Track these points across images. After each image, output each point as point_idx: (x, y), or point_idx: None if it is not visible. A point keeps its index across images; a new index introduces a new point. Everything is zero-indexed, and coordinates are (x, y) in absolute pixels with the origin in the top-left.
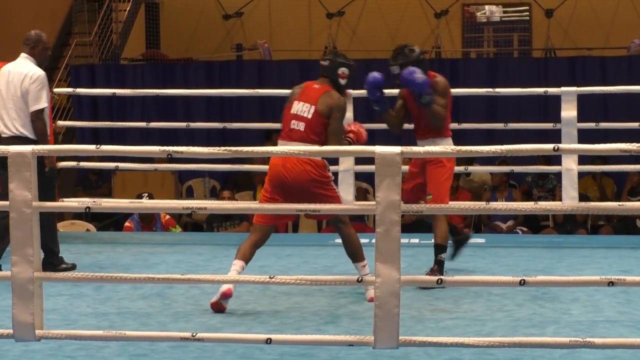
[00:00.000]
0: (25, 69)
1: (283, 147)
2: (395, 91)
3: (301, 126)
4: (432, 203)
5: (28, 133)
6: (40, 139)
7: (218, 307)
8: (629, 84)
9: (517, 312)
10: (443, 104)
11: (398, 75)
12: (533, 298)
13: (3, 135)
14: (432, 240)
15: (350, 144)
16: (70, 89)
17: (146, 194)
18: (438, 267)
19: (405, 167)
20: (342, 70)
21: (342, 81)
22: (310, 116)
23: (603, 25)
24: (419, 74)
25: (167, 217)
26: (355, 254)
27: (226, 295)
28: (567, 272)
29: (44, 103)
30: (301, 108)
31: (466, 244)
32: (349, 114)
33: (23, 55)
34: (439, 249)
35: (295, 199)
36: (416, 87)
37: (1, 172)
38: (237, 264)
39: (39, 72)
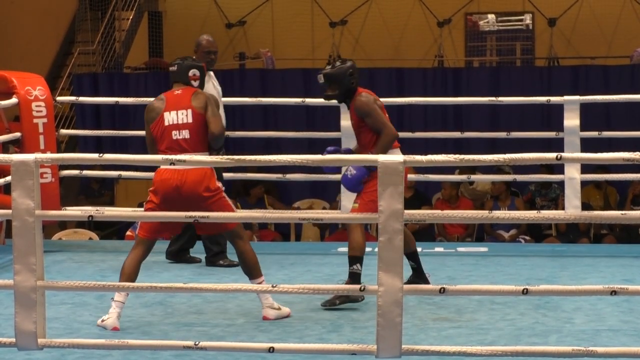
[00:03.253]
0: None
1: (284, 156)
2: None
3: (186, 134)
4: (355, 212)
5: None
6: None
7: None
8: (632, 93)
9: (520, 321)
10: (373, 124)
11: (321, 85)
12: (536, 307)
13: None
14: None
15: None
16: (73, 98)
17: None
18: (351, 281)
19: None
20: (193, 72)
21: (195, 83)
22: (191, 120)
23: (606, 34)
24: (351, 171)
25: None
26: (251, 271)
27: (113, 331)
28: (569, 281)
29: None
30: (177, 117)
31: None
32: (345, 122)
33: None
34: (352, 260)
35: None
36: (357, 186)
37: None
38: (121, 293)
39: None
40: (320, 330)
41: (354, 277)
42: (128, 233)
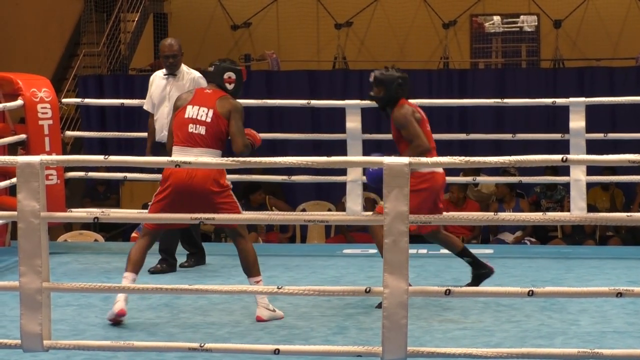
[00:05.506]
0: None
1: (289, 158)
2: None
3: (202, 130)
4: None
5: None
6: None
7: (115, 321)
8: (638, 95)
9: (526, 323)
10: (407, 136)
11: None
12: (541, 309)
13: None
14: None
15: (252, 144)
16: (78, 100)
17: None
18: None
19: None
20: (228, 74)
21: (229, 86)
22: (209, 120)
23: (611, 36)
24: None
25: None
26: (250, 269)
27: (120, 315)
28: (575, 283)
29: (145, 104)
30: (197, 112)
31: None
32: (356, 124)
33: None
34: None
35: (195, 207)
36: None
37: None
38: (129, 277)
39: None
40: (325, 332)
41: None
42: (133, 235)
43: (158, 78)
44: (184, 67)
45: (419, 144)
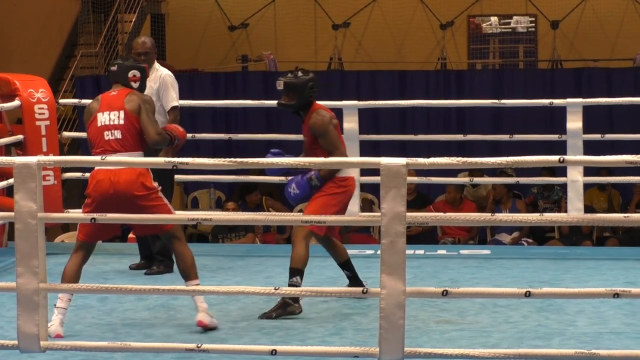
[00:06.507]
0: None
1: (288, 159)
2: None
3: (117, 134)
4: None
5: None
6: None
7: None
8: (635, 96)
9: (523, 324)
10: (325, 145)
11: (279, 91)
12: (538, 310)
13: None
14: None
15: (171, 137)
16: (75, 100)
17: None
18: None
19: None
20: (133, 72)
21: (134, 84)
22: (122, 122)
23: (609, 37)
24: (294, 189)
25: None
26: (187, 272)
27: (56, 339)
28: (572, 283)
29: None
30: (109, 117)
31: None
32: (354, 125)
33: None
34: (293, 272)
35: (121, 211)
36: (303, 193)
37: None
38: (64, 297)
39: None
40: (322, 332)
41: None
42: (130, 236)
43: None
44: (156, 65)
45: (337, 156)
